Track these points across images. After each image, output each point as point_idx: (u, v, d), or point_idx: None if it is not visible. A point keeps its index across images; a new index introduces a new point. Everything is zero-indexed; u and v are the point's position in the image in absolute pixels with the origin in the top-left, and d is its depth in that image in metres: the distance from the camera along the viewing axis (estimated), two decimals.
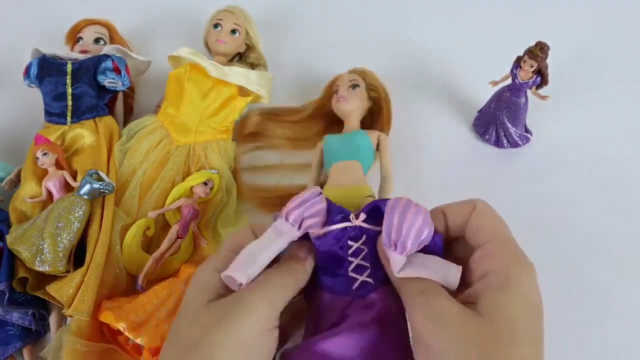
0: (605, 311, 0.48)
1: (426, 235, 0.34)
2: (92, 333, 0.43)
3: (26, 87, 0.54)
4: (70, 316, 0.43)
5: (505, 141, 0.57)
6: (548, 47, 0.52)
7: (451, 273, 0.33)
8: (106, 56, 0.53)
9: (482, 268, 0.32)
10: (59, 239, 0.44)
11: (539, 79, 0.53)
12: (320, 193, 0.38)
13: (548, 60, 0.52)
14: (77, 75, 0.52)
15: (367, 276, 0.37)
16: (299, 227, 0.36)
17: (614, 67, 0.65)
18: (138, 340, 0.41)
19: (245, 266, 0.34)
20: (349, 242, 0.37)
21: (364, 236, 0.38)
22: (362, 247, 0.38)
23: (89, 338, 0.43)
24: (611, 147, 0.58)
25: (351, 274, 0.37)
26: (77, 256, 0.46)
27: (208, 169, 0.51)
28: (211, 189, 0.50)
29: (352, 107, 0.53)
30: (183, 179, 0.51)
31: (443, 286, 0.33)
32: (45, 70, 0.52)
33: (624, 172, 0.56)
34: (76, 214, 0.45)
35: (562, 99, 0.59)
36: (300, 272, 0.36)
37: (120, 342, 0.44)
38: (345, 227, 0.38)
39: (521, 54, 0.53)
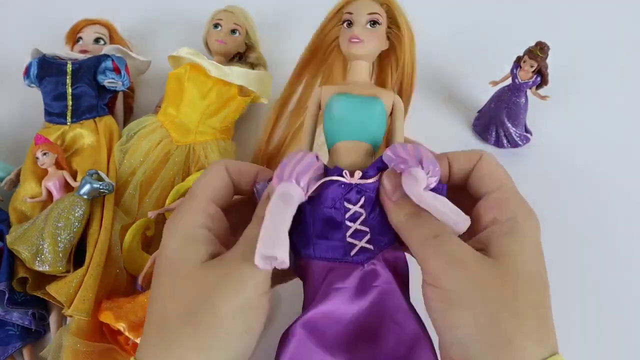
0: (607, 310, 0.48)
1: (439, 169, 0.32)
2: (92, 333, 0.43)
3: (26, 87, 0.54)
4: (70, 316, 0.43)
5: (505, 141, 0.57)
6: (548, 47, 0.52)
7: (461, 220, 0.31)
8: (106, 56, 0.53)
9: (489, 215, 0.32)
10: (59, 239, 0.44)
11: (539, 79, 0.53)
12: (317, 156, 0.34)
13: (548, 60, 0.52)
14: (77, 75, 0.52)
15: (367, 242, 0.34)
16: (305, 190, 0.32)
17: (613, 67, 0.65)
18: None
19: (281, 242, 0.30)
20: (346, 205, 0.34)
21: (362, 198, 0.34)
22: (360, 210, 0.34)
23: (89, 338, 0.43)
24: (611, 146, 0.58)
25: (349, 240, 0.34)
26: (77, 256, 0.46)
27: None
28: None
29: (367, 51, 0.40)
30: (183, 179, 0.51)
31: None
32: (45, 70, 0.52)
33: (624, 171, 0.56)
34: (76, 214, 0.45)
35: (562, 99, 0.59)
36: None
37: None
38: (341, 185, 0.34)
39: (521, 54, 0.53)
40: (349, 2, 0.41)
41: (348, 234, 0.34)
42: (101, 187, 0.46)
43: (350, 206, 0.34)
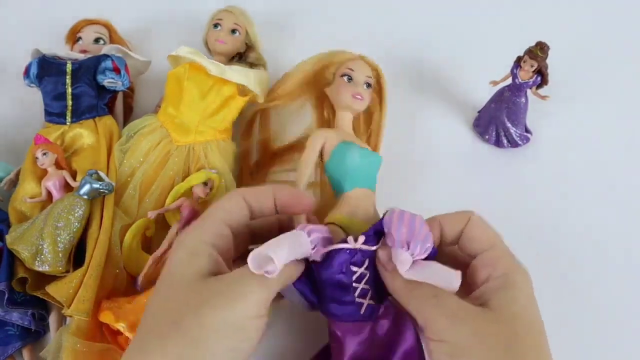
0: (605, 310, 0.48)
1: (430, 244, 0.35)
2: (91, 333, 0.43)
3: (26, 87, 0.54)
4: (70, 316, 0.43)
5: (505, 141, 0.57)
6: (548, 47, 0.52)
7: (452, 277, 0.34)
8: (106, 56, 0.53)
9: (484, 273, 0.35)
10: (59, 239, 0.44)
11: (539, 78, 0.53)
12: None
13: (548, 60, 0.52)
14: (77, 75, 0.52)
15: (370, 298, 0.37)
16: (313, 247, 0.36)
17: (614, 67, 0.65)
18: None
19: (281, 251, 0.32)
20: (352, 268, 0.37)
21: (367, 260, 0.37)
22: (364, 271, 0.37)
23: (89, 338, 0.43)
24: (611, 146, 0.58)
25: (358, 300, 0.37)
26: (77, 256, 0.46)
27: (208, 169, 0.51)
28: (211, 189, 0.50)
29: (362, 108, 0.49)
30: (183, 179, 0.51)
31: None
32: (45, 70, 0.52)
33: (624, 171, 0.56)
34: (76, 214, 0.45)
35: (562, 99, 0.59)
36: (298, 264, 0.36)
37: (120, 342, 0.44)
38: (347, 251, 0.37)
39: (521, 54, 0.53)
40: (350, 59, 0.49)
41: (356, 294, 0.37)
42: (101, 187, 0.46)
43: (356, 269, 0.37)
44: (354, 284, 0.37)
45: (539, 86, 0.54)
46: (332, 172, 0.45)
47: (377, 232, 0.37)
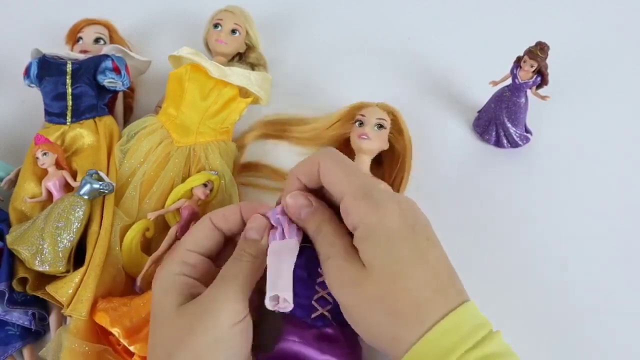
0: (605, 307, 0.48)
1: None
2: (90, 333, 0.43)
3: (26, 87, 0.54)
4: (70, 316, 0.43)
5: (505, 141, 0.57)
6: (548, 47, 0.52)
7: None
8: (106, 56, 0.53)
9: (349, 223, 0.36)
10: (59, 238, 0.44)
11: (539, 79, 0.53)
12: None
13: (548, 61, 0.52)
14: (77, 75, 0.52)
15: (328, 311, 0.38)
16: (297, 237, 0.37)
17: (614, 67, 0.65)
18: (132, 348, 0.41)
19: (287, 285, 0.34)
20: (319, 270, 0.38)
21: None
22: None
23: (88, 338, 0.43)
24: (611, 147, 0.58)
25: (313, 303, 0.39)
26: (77, 256, 0.46)
27: (208, 171, 0.51)
28: (211, 190, 0.50)
29: (372, 147, 0.50)
30: (183, 180, 0.51)
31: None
32: (45, 70, 0.52)
33: (624, 171, 0.56)
34: (76, 214, 0.45)
35: (562, 99, 0.59)
36: (258, 257, 0.37)
37: (112, 341, 0.44)
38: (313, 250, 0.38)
39: (521, 54, 0.53)
40: (364, 107, 0.52)
41: (314, 298, 0.39)
42: (101, 187, 0.46)
43: (321, 271, 0.39)
44: (316, 287, 0.39)
45: (539, 86, 0.54)
46: None
47: None
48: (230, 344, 0.34)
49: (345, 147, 0.53)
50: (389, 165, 0.53)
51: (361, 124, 0.50)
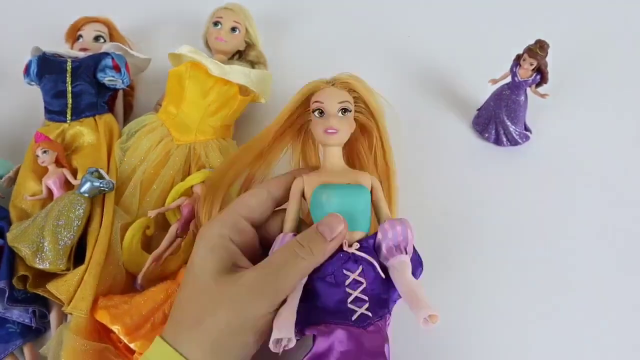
0: (607, 308, 0.48)
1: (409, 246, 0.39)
2: (91, 331, 0.43)
3: (26, 85, 0.54)
4: (70, 313, 0.43)
5: (504, 139, 0.57)
6: (548, 46, 0.52)
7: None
8: (106, 54, 0.53)
9: None
10: (60, 236, 0.44)
11: (538, 77, 0.54)
12: None
13: (548, 59, 0.52)
14: (77, 73, 0.52)
15: (366, 309, 0.37)
16: None
17: (613, 65, 0.65)
18: (132, 345, 0.41)
19: (287, 324, 0.35)
20: (345, 272, 0.37)
21: (360, 267, 0.38)
22: (359, 279, 0.38)
23: (88, 336, 0.43)
24: (611, 144, 0.58)
25: (350, 306, 0.37)
26: (77, 254, 0.46)
27: (208, 168, 0.51)
28: None
29: (342, 139, 0.42)
30: (183, 179, 0.51)
31: None
32: (45, 68, 0.52)
33: (624, 169, 0.56)
34: (76, 212, 0.45)
35: (561, 97, 0.59)
36: (317, 260, 0.37)
37: (113, 339, 0.44)
38: (340, 255, 0.38)
39: (521, 52, 0.53)
40: (317, 90, 0.43)
41: (349, 300, 0.37)
42: (101, 185, 0.46)
43: (349, 274, 0.38)
44: (347, 289, 0.37)
45: (539, 84, 0.54)
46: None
47: (372, 243, 0.39)
48: (253, 332, 0.36)
49: (299, 134, 0.46)
50: (363, 144, 0.46)
51: (321, 113, 0.42)
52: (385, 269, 0.38)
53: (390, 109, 0.48)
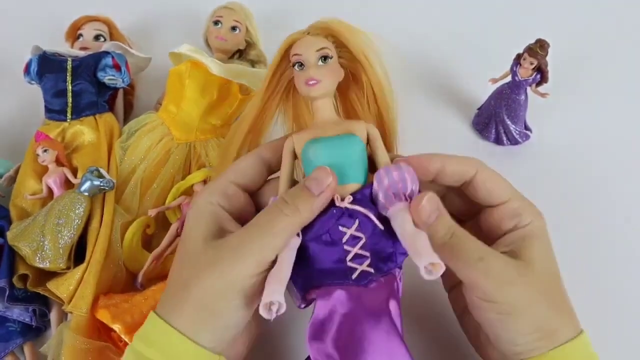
0: (607, 308, 0.48)
1: (417, 186, 0.36)
2: (91, 330, 0.43)
3: (26, 84, 0.54)
4: (70, 312, 0.43)
5: (505, 138, 0.57)
6: (548, 45, 0.52)
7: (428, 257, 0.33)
8: (106, 53, 0.53)
9: (510, 223, 0.37)
10: (60, 235, 0.44)
11: (538, 76, 0.54)
12: None
13: (548, 58, 0.52)
14: (77, 72, 0.52)
15: (368, 266, 0.35)
16: (297, 234, 0.35)
17: (614, 64, 0.65)
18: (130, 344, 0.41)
19: (277, 289, 0.33)
20: (340, 228, 0.35)
21: (357, 221, 0.35)
22: (357, 234, 0.35)
23: (89, 335, 0.43)
24: (611, 144, 0.58)
25: (349, 264, 0.35)
26: (78, 253, 0.46)
27: (209, 167, 0.51)
28: None
29: (327, 90, 0.39)
30: (183, 177, 0.51)
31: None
32: (46, 67, 0.52)
33: (624, 169, 0.56)
34: (77, 211, 0.45)
35: (562, 97, 0.59)
36: (304, 216, 0.35)
37: (114, 337, 0.44)
38: (333, 211, 0.35)
39: (521, 52, 0.53)
40: (292, 44, 0.40)
41: (348, 258, 0.35)
42: (102, 184, 0.47)
43: (345, 230, 0.35)
44: (345, 247, 0.35)
45: (539, 84, 0.54)
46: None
47: (368, 195, 0.36)
48: (243, 294, 0.34)
49: (288, 96, 0.43)
50: (356, 92, 0.43)
51: (301, 65, 0.39)
52: (386, 220, 0.35)
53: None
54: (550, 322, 0.34)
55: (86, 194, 0.46)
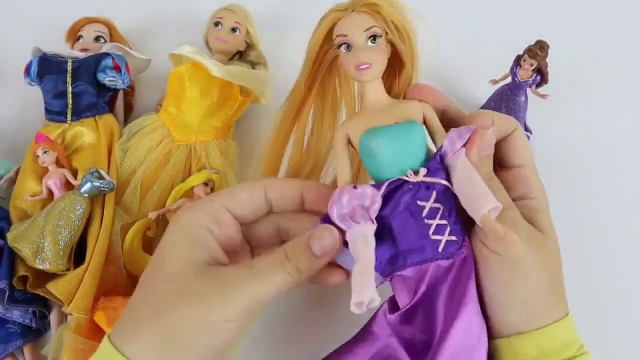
0: (607, 308, 0.48)
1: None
2: (91, 331, 0.44)
3: (26, 86, 0.54)
4: (70, 314, 0.43)
5: None
6: (548, 46, 0.52)
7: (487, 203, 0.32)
8: (106, 54, 0.53)
9: (520, 189, 0.36)
10: (60, 237, 0.44)
11: (538, 77, 0.54)
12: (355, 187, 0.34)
13: (548, 59, 0.52)
14: (77, 73, 0.52)
15: (449, 234, 0.34)
16: (371, 220, 0.33)
17: (614, 66, 0.65)
18: None
19: (369, 285, 0.30)
20: (419, 203, 0.33)
21: (434, 192, 0.34)
22: (436, 205, 0.34)
23: (89, 336, 0.43)
24: (611, 145, 0.58)
25: (433, 237, 0.33)
26: (78, 254, 0.46)
27: (209, 169, 0.51)
28: (212, 189, 0.50)
29: (379, 72, 0.36)
30: (184, 179, 0.51)
31: None
32: (46, 68, 0.52)
33: (625, 170, 0.56)
34: (77, 212, 0.45)
35: (561, 98, 0.59)
36: (302, 277, 0.33)
37: None
38: (409, 186, 0.33)
39: (521, 53, 0.53)
40: (336, 23, 0.37)
41: (431, 232, 0.34)
42: (102, 185, 0.47)
43: (423, 204, 0.34)
44: (426, 221, 0.33)
45: (539, 85, 0.55)
46: (369, 170, 0.36)
47: (439, 162, 0.34)
48: (216, 335, 0.31)
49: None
50: (396, 67, 0.40)
51: (348, 47, 0.36)
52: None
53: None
54: (548, 297, 0.34)
55: (86, 195, 0.46)
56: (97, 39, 0.57)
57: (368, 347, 0.36)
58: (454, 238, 0.34)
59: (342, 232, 0.33)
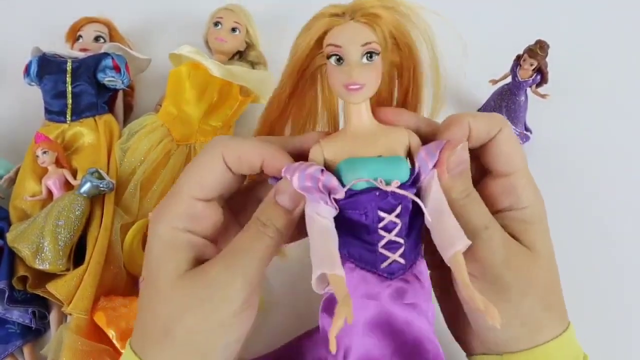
0: (607, 308, 0.48)
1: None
2: (91, 331, 0.43)
3: (26, 86, 0.54)
4: (70, 314, 0.43)
5: None
6: (548, 46, 0.52)
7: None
8: (106, 54, 0.53)
9: (506, 201, 0.34)
10: (59, 237, 0.44)
11: (539, 77, 0.54)
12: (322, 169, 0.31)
13: (548, 59, 0.52)
14: (77, 73, 0.52)
15: (400, 255, 0.31)
16: (327, 194, 0.30)
17: (614, 65, 0.65)
18: (123, 351, 0.41)
19: (332, 260, 0.28)
20: (380, 214, 0.30)
21: (399, 207, 0.31)
22: (395, 220, 0.31)
23: (89, 336, 0.43)
24: (611, 145, 0.58)
25: (381, 251, 0.31)
26: (77, 254, 0.46)
27: None
28: None
29: (370, 94, 0.32)
30: None
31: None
32: (45, 68, 0.52)
33: (625, 170, 0.56)
34: (76, 212, 0.45)
35: (562, 98, 0.59)
36: (284, 233, 0.32)
37: (111, 338, 0.44)
38: (375, 193, 0.30)
39: (521, 53, 0.53)
40: (330, 30, 0.32)
41: (381, 244, 0.31)
42: (101, 185, 0.46)
43: (384, 215, 0.31)
44: (379, 231, 0.31)
45: (539, 85, 0.54)
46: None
47: (414, 181, 0.32)
48: (229, 332, 0.31)
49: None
50: (392, 78, 0.37)
51: (339, 59, 0.31)
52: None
53: None
54: (539, 316, 0.32)
55: (86, 195, 0.46)
56: (97, 39, 0.57)
57: None
58: (402, 261, 0.31)
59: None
